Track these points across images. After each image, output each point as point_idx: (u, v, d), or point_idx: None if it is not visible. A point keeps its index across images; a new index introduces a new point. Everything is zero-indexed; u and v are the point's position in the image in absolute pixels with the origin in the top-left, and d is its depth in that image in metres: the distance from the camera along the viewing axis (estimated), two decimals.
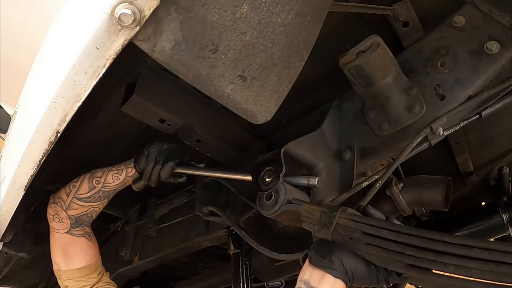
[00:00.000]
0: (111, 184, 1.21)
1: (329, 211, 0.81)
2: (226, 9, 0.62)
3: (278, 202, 0.88)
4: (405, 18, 0.97)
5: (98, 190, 1.21)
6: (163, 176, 1.14)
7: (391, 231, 0.72)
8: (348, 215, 0.79)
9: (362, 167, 1.06)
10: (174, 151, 1.16)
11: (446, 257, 0.66)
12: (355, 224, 0.77)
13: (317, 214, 0.82)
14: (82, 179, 1.22)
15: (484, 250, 0.63)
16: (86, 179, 1.22)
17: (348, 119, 1.07)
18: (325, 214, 0.81)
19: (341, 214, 0.79)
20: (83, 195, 1.21)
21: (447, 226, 1.68)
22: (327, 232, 0.79)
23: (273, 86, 0.77)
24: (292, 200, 0.88)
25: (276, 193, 0.89)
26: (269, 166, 1.02)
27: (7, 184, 0.94)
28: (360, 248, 0.74)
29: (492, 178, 1.71)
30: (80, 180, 1.22)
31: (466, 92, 0.91)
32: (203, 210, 1.25)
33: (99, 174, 1.22)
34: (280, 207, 0.87)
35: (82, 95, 0.68)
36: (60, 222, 1.21)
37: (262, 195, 0.92)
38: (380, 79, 0.91)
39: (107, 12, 0.57)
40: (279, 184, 0.89)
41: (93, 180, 1.21)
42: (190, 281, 2.03)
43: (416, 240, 0.69)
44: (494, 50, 0.89)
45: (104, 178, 1.21)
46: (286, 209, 0.87)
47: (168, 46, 0.62)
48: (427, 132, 0.92)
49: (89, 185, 1.21)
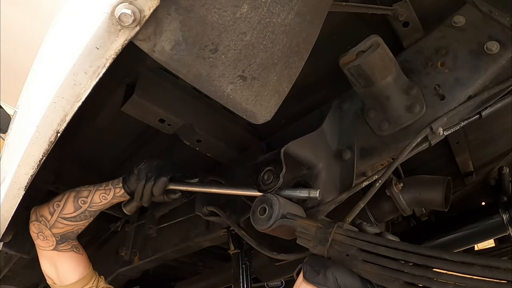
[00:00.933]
0: (97, 204, 1.17)
1: (325, 226, 0.79)
2: (226, 9, 0.62)
3: (272, 217, 0.86)
4: (405, 18, 0.97)
5: (84, 210, 1.17)
6: (156, 193, 1.11)
7: (388, 248, 0.71)
8: (344, 231, 0.77)
9: (362, 167, 1.06)
10: (166, 167, 1.13)
11: (445, 275, 0.64)
12: (351, 240, 0.75)
13: (312, 230, 0.81)
14: (67, 198, 1.17)
15: (485, 268, 0.62)
16: (71, 198, 1.17)
17: (348, 119, 1.07)
18: (320, 230, 0.79)
19: (337, 230, 0.77)
20: (68, 215, 1.17)
21: (447, 226, 1.68)
22: (323, 249, 0.77)
23: (273, 86, 0.77)
24: (286, 215, 0.86)
25: (270, 207, 0.87)
26: (269, 166, 1.02)
27: (7, 184, 0.94)
28: (357, 265, 0.73)
29: (492, 178, 1.71)
30: (64, 199, 1.17)
31: (466, 92, 0.91)
32: (203, 210, 1.25)
33: (85, 193, 1.17)
34: (274, 222, 0.86)
35: (82, 95, 0.68)
36: (45, 240, 1.19)
37: (256, 209, 0.90)
38: (380, 79, 0.91)
39: (107, 12, 0.57)
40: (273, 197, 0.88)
41: (78, 200, 1.17)
42: (190, 281, 2.03)
43: (414, 257, 0.68)
44: (494, 50, 0.88)
45: (90, 198, 1.17)
46: (280, 224, 0.86)
47: (168, 46, 0.62)
48: (427, 132, 0.92)
49: (74, 204, 1.16)
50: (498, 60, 0.89)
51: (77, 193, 1.18)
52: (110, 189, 1.17)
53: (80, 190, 1.19)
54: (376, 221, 1.39)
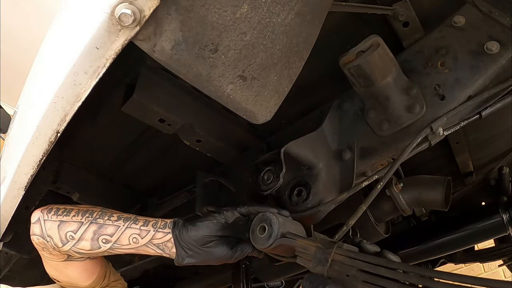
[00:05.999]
0: (124, 247, 0.93)
1: (324, 247, 0.79)
2: (226, 9, 0.62)
3: (271, 236, 0.85)
4: (405, 18, 0.97)
5: (103, 251, 0.94)
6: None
7: (389, 269, 0.70)
8: (344, 251, 0.77)
9: (362, 167, 1.06)
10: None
11: None
12: (351, 261, 0.74)
13: (312, 250, 0.80)
14: (85, 231, 0.92)
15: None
16: (90, 233, 0.92)
17: (348, 119, 1.07)
18: (320, 250, 0.79)
19: (336, 250, 0.77)
20: (83, 251, 0.95)
21: (447, 226, 1.68)
22: (323, 269, 0.77)
23: (273, 86, 0.77)
24: (286, 234, 0.85)
25: (270, 226, 0.86)
26: (269, 166, 1.02)
27: (7, 184, 0.94)
28: (357, 286, 0.72)
29: (492, 178, 1.71)
30: (81, 232, 0.93)
31: (466, 92, 0.91)
32: (203, 210, 1.25)
33: (110, 230, 0.92)
34: (273, 241, 0.85)
35: (82, 95, 0.68)
36: (52, 254, 1.01)
37: (255, 228, 0.89)
38: (380, 79, 0.91)
39: (107, 12, 0.57)
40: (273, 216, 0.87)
41: (99, 238, 0.92)
42: (190, 281, 2.03)
43: (415, 279, 0.68)
44: (494, 50, 0.88)
45: (116, 238, 0.92)
46: (280, 243, 0.85)
47: (168, 46, 0.62)
48: (427, 132, 0.92)
49: (92, 242, 0.93)
50: (498, 60, 0.89)
51: (99, 228, 0.92)
52: (148, 231, 0.92)
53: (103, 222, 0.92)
54: (376, 221, 1.39)
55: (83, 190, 1.42)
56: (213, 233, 0.92)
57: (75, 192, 1.41)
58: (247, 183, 1.12)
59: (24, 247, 1.30)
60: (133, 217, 0.96)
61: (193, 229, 0.92)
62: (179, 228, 0.92)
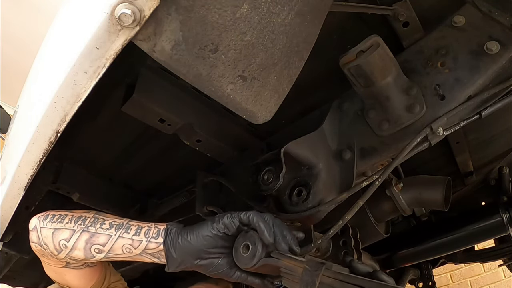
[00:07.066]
0: (118, 256, 0.90)
1: (312, 268, 0.74)
2: (226, 9, 0.62)
3: (255, 255, 0.81)
4: (405, 18, 0.97)
5: (98, 259, 0.92)
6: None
7: None
8: (333, 274, 0.72)
9: (362, 167, 1.06)
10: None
11: None
12: (340, 284, 0.70)
13: (299, 271, 0.76)
14: (77, 239, 0.89)
15: None
16: (82, 242, 0.89)
17: (348, 119, 1.07)
18: (307, 272, 0.74)
19: (325, 272, 0.72)
20: (78, 259, 0.93)
21: (447, 226, 1.68)
22: None
23: (273, 86, 0.77)
24: (271, 253, 0.82)
25: (254, 244, 0.82)
26: (269, 166, 1.02)
27: (7, 184, 0.94)
28: None
29: (492, 178, 1.71)
30: (73, 240, 0.90)
31: (466, 92, 0.91)
32: (203, 210, 1.25)
33: (102, 239, 0.88)
34: (258, 261, 0.81)
35: (82, 95, 0.68)
36: (51, 260, 0.99)
37: (238, 246, 0.84)
38: (380, 79, 0.91)
39: (107, 12, 0.57)
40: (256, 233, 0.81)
41: (91, 248, 0.89)
42: (190, 281, 2.02)
43: None
44: (494, 50, 0.88)
45: (109, 247, 0.88)
46: (264, 263, 0.81)
47: (168, 46, 0.62)
48: (427, 132, 0.92)
49: (85, 251, 0.90)
50: (498, 60, 0.89)
51: (91, 237, 0.89)
52: (141, 241, 0.87)
53: (95, 231, 0.89)
54: (376, 221, 1.39)
55: (83, 190, 1.42)
56: (210, 247, 0.84)
57: (75, 192, 1.41)
58: (247, 183, 1.12)
59: (24, 247, 1.30)
60: (125, 224, 0.91)
61: (187, 240, 0.85)
62: (172, 237, 0.86)
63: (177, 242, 0.85)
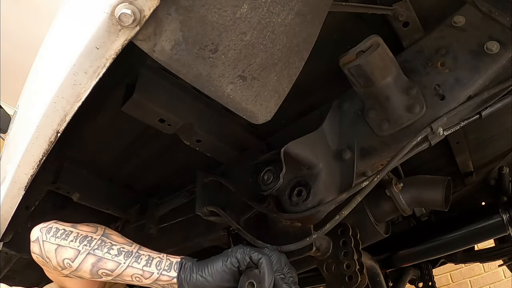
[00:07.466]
0: (127, 281, 0.89)
1: None
2: (226, 9, 0.62)
3: None
4: (405, 18, 0.97)
5: (103, 280, 0.91)
6: None
7: None
8: None
9: (362, 167, 1.06)
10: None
11: None
12: None
13: None
14: (83, 260, 0.87)
15: None
16: (89, 265, 0.87)
17: (348, 119, 1.07)
18: None
19: None
20: (83, 276, 0.91)
21: (447, 226, 1.68)
22: None
23: (273, 86, 0.77)
24: None
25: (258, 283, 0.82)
26: (269, 166, 1.02)
27: (7, 184, 0.94)
28: None
29: (492, 178, 1.71)
30: (78, 261, 0.88)
31: (466, 92, 0.91)
32: (203, 210, 1.25)
33: (110, 265, 0.86)
34: None
35: (82, 95, 0.68)
36: (53, 271, 0.98)
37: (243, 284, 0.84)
38: (380, 79, 0.91)
39: (107, 12, 0.57)
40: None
41: (99, 271, 0.87)
42: None
43: None
44: (494, 50, 0.88)
45: (117, 274, 0.86)
46: None
47: (168, 46, 0.62)
48: (427, 132, 0.92)
49: (91, 273, 0.88)
50: (498, 60, 0.89)
51: (98, 261, 0.87)
52: (152, 273, 0.86)
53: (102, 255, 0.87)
54: (376, 221, 1.39)
55: (83, 190, 1.42)
56: (224, 284, 0.85)
57: (75, 192, 1.41)
58: (247, 183, 1.12)
59: (24, 247, 1.30)
60: (135, 253, 0.89)
61: (203, 276, 0.84)
62: (186, 272, 0.86)
63: (191, 277, 0.85)
